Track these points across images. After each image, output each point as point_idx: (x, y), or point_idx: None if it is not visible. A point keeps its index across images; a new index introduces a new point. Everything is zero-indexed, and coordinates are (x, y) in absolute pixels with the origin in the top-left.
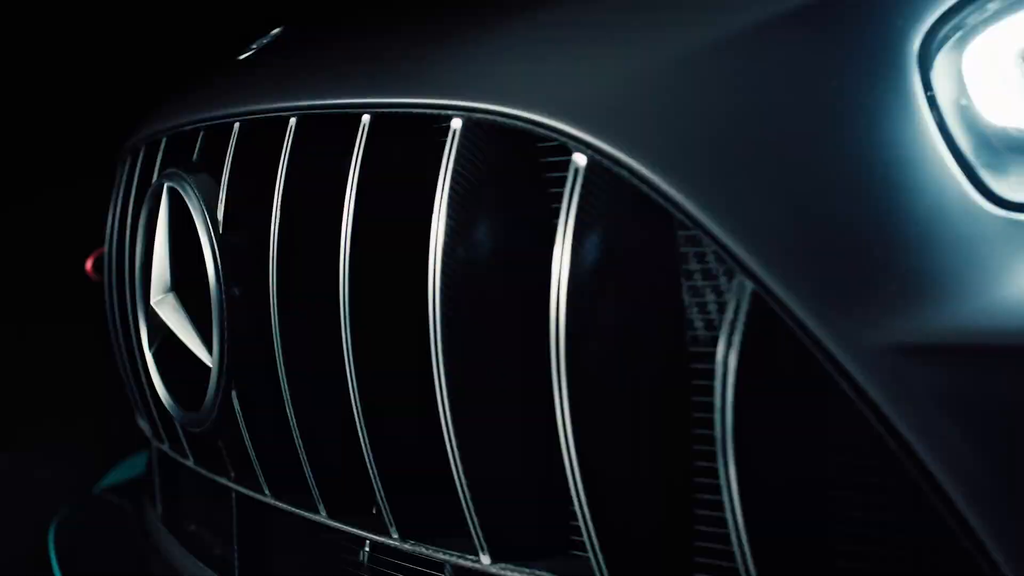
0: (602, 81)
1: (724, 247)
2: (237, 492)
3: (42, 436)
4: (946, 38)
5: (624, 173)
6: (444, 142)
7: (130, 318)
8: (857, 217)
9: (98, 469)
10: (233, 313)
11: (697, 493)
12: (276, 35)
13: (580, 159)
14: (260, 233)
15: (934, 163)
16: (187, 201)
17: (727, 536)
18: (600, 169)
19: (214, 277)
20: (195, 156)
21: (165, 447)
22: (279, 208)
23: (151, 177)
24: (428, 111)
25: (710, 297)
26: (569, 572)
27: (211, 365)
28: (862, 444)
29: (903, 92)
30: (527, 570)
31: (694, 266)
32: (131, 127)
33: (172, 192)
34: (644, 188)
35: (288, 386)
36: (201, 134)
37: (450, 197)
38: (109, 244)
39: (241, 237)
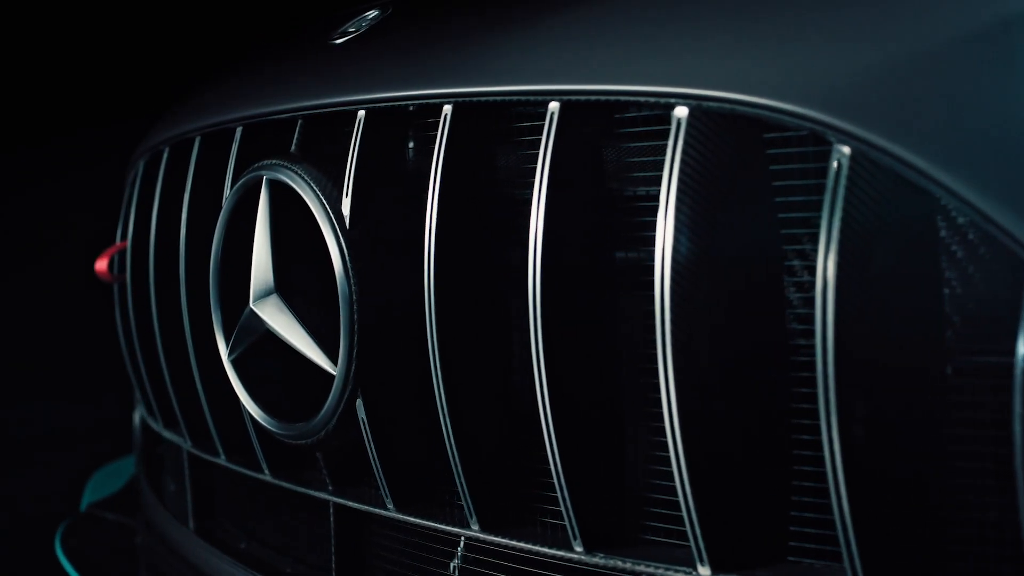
0: (862, 68)
1: (1020, 243)
2: (338, 505)
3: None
4: None
5: (897, 166)
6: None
7: (184, 322)
8: None
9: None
10: (364, 316)
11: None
12: (379, 16)
13: (844, 150)
14: (392, 229)
15: None
16: (302, 195)
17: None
18: (865, 160)
19: (343, 277)
20: (293, 147)
21: (221, 460)
22: (436, 203)
23: (214, 170)
24: (642, 99)
25: (983, 290)
26: None
27: (333, 372)
28: None
29: None
30: None
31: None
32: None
33: (274, 185)
34: (922, 182)
35: (444, 394)
36: (300, 123)
37: (678, 189)
38: (139, 242)
39: (370, 233)
